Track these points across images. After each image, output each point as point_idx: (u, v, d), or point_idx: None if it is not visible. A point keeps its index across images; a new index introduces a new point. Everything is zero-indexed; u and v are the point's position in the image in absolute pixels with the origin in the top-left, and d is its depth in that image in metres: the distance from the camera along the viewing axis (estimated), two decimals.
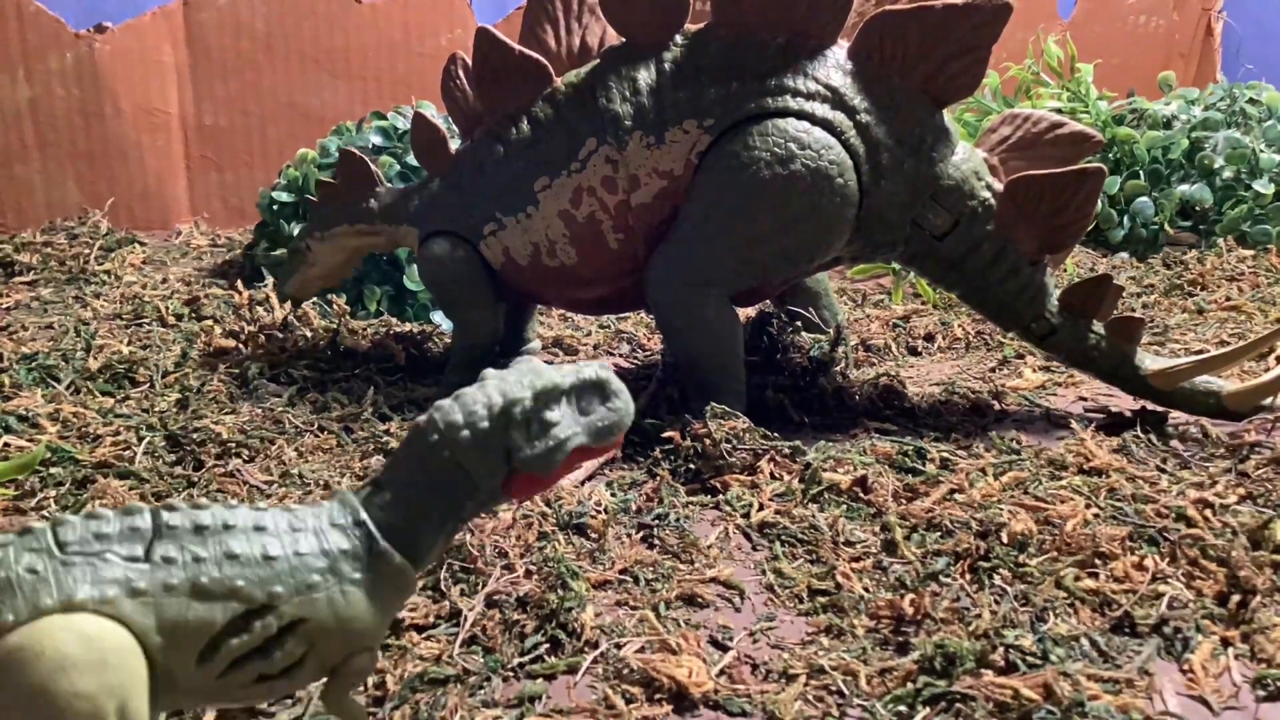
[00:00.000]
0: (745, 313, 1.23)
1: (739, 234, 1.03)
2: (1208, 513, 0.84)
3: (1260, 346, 1.07)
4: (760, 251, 1.04)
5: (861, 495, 0.91)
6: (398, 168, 1.63)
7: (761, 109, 1.02)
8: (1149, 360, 1.09)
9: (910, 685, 0.65)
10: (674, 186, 1.06)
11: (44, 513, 0.87)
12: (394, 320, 1.50)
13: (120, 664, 0.47)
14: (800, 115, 1.02)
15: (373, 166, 1.28)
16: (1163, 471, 0.95)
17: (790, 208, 1.01)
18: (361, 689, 0.65)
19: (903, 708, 0.64)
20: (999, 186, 1.06)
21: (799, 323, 1.28)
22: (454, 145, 1.22)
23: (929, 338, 1.44)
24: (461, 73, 1.17)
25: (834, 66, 1.04)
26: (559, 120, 1.09)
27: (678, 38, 1.06)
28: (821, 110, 1.02)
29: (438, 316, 1.50)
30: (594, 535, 0.85)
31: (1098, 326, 1.08)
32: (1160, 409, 1.09)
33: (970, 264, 1.08)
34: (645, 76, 1.06)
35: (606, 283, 1.14)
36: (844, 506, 0.90)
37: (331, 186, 1.31)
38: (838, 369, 1.22)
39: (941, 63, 1.02)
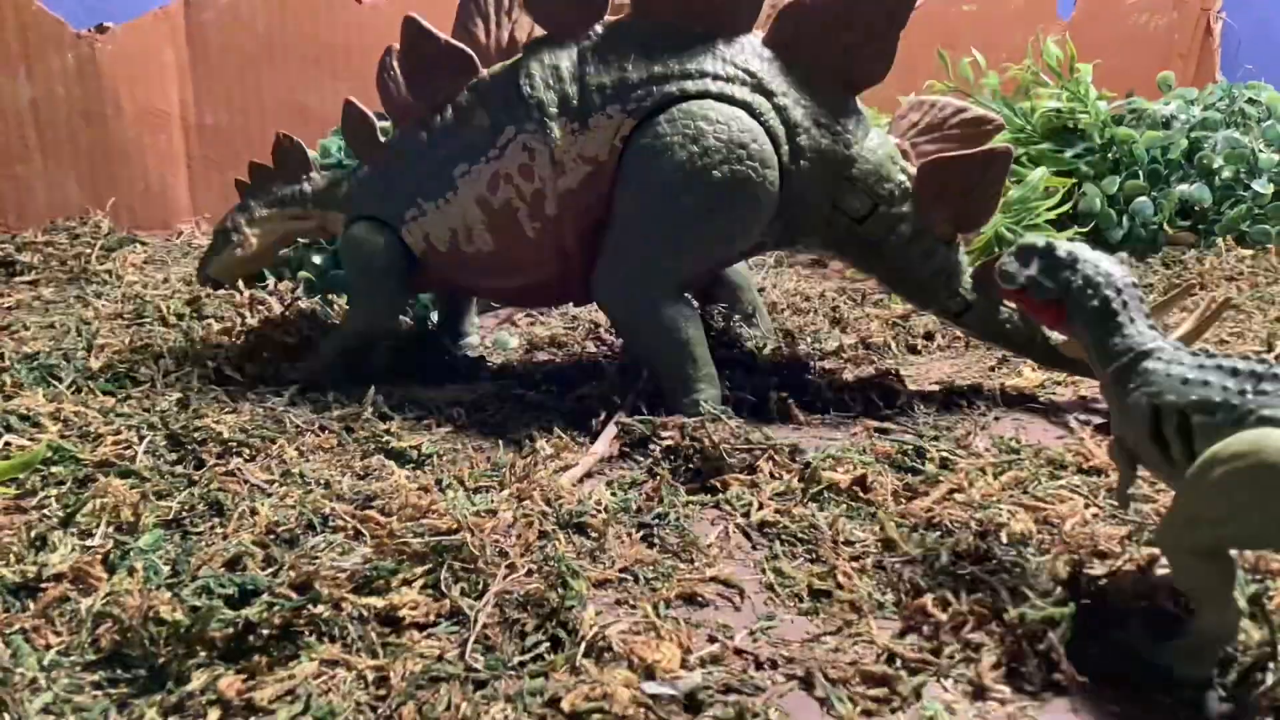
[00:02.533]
0: None
1: (667, 221, 1.05)
2: None
3: (1160, 314, 1.08)
4: (689, 236, 1.06)
5: (861, 495, 0.91)
6: None
7: (682, 92, 1.05)
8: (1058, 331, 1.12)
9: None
10: (599, 172, 1.08)
11: (45, 511, 0.87)
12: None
13: None
14: (720, 97, 1.05)
15: (308, 152, 1.29)
16: None
17: (712, 188, 1.04)
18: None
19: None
20: (912, 170, 1.11)
21: (738, 316, 1.31)
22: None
23: (928, 336, 1.44)
24: (395, 64, 1.19)
25: (751, 53, 1.07)
26: (481, 109, 1.11)
27: (598, 28, 1.09)
28: (741, 93, 1.05)
29: (437, 317, 1.51)
30: (594, 534, 0.85)
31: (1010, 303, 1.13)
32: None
33: (889, 246, 1.11)
34: (568, 65, 1.08)
35: (525, 271, 1.15)
36: (844, 506, 0.90)
37: (264, 170, 1.32)
38: (765, 350, 1.26)
39: (851, 49, 1.06)
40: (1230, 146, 1.98)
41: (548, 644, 0.69)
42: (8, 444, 0.99)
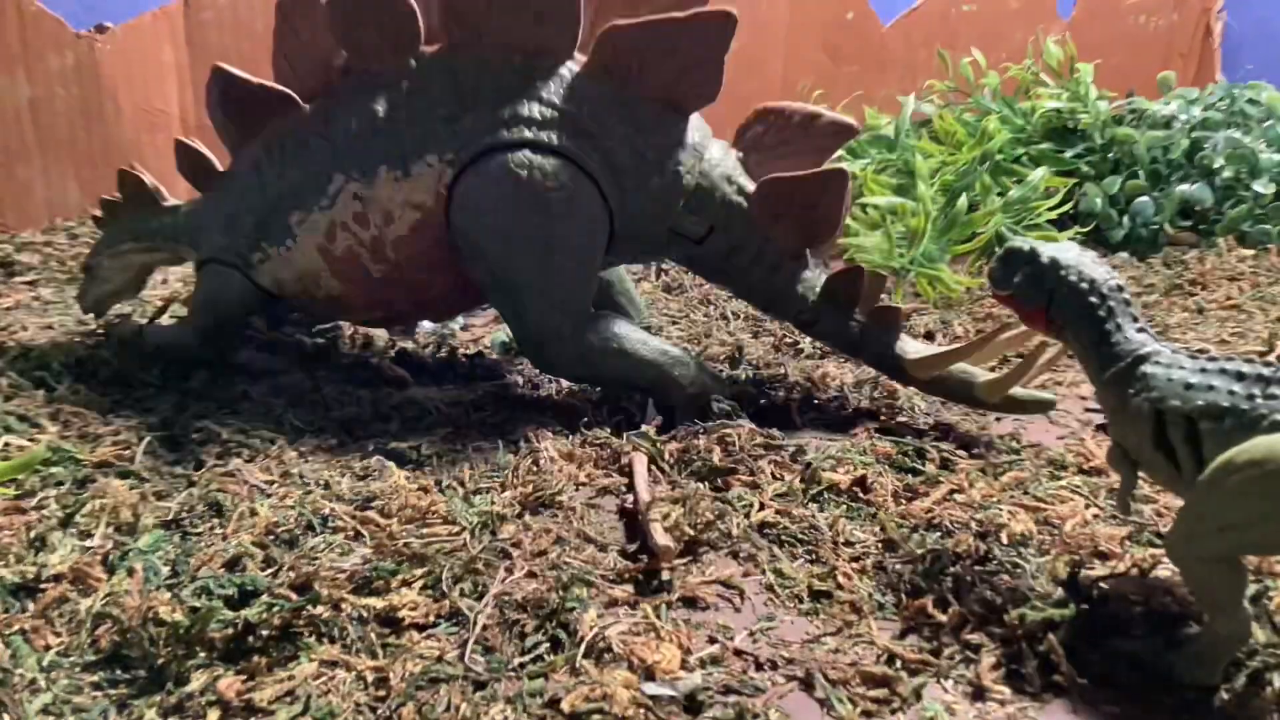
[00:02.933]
0: None
1: (523, 277, 1.03)
2: None
3: (981, 345, 1.01)
4: (552, 275, 1.03)
5: (861, 495, 0.91)
6: None
7: (498, 142, 1.02)
8: (910, 348, 1.11)
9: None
10: (428, 218, 1.05)
11: (44, 512, 0.87)
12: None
13: None
14: (536, 146, 1.01)
15: (150, 184, 1.26)
16: None
17: (540, 237, 1.02)
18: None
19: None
20: (750, 188, 1.08)
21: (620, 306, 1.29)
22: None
23: (929, 336, 1.44)
24: (218, 105, 1.14)
25: (570, 88, 1.03)
26: (305, 153, 1.08)
27: (412, 62, 1.04)
28: (559, 138, 1.02)
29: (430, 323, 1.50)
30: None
31: (859, 315, 1.11)
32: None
33: (734, 263, 1.10)
34: (383, 108, 1.04)
35: (382, 306, 1.14)
36: (844, 507, 0.90)
37: (115, 205, 1.30)
38: None
39: (677, 74, 1.02)
40: (1231, 147, 1.98)
41: (547, 645, 0.69)
42: (7, 445, 0.99)
